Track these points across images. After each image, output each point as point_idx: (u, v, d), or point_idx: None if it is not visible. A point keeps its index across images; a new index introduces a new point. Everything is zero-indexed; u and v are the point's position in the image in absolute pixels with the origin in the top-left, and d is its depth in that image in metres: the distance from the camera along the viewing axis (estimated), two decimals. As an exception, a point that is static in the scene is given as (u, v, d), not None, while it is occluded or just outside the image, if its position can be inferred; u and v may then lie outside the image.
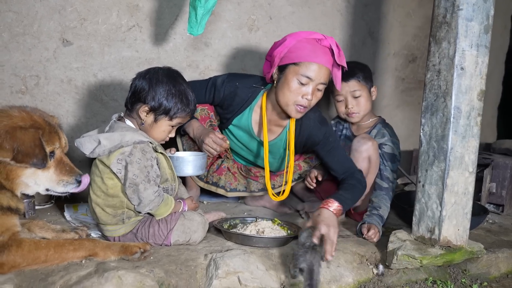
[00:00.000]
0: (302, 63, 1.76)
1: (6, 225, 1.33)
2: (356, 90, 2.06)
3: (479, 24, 1.65)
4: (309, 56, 1.75)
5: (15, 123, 1.31)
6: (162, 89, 1.57)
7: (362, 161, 1.98)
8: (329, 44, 1.78)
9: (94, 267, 1.36)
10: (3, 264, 1.29)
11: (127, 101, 1.62)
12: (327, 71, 1.79)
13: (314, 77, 1.76)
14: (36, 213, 1.90)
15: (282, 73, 1.82)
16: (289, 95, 1.79)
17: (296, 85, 1.77)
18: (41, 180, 1.39)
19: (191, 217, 1.64)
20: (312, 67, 1.75)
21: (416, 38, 3.15)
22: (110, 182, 1.53)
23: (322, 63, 1.75)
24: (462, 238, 1.71)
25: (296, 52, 1.77)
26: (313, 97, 1.79)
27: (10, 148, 1.28)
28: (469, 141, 1.68)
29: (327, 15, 2.72)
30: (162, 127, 1.61)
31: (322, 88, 1.81)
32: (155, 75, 1.59)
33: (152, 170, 1.53)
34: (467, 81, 1.65)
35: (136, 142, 1.50)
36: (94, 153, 1.52)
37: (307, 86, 1.77)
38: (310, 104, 1.82)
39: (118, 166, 1.50)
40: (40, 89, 2.12)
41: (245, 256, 1.53)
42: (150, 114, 1.59)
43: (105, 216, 1.56)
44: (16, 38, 2.05)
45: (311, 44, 1.77)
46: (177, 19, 2.30)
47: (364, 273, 1.67)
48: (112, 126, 1.59)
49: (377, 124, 2.14)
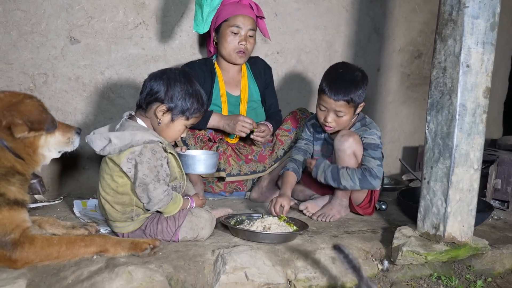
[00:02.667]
0: (230, 18, 2.19)
1: (16, 222, 1.34)
2: (341, 111, 1.98)
3: (485, 21, 1.65)
4: (234, 11, 2.19)
5: (10, 101, 1.34)
6: (180, 89, 1.60)
7: (349, 158, 1.99)
8: (248, 3, 2.24)
9: (105, 262, 1.39)
10: (17, 261, 1.31)
11: (141, 101, 1.63)
12: (251, 19, 2.23)
13: (241, 25, 2.19)
14: (46, 209, 1.94)
15: (219, 32, 2.24)
16: (227, 45, 2.21)
17: (231, 36, 2.20)
18: (52, 145, 1.46)
19: (198, 214, 1.66)
20: (238, 18, 2.19)
21: (421, 33, 3.14)
22: (120, 180, 1.55)
23: (245, 14, 2.21)
24: (466, 235, 1.73)
25: (223, 12, 2.20)
26: (247, 43, 2.22)
27: (23, 121, 1.32)
28: (474, 138, 1.69)
29: (333, 11, 2.72)
30: (178, 126, 1.64)
31: (252, 34, 2.24)
32: (172, 76, 1.62)
33: (162, 170, 1.55)
34: (473, 78, 1.66)
35: (146, 141, 1.52)
36: (104, 151, 1.54)
37: (239, 35, 2.20)
38: (247, 49, 2.24)
39: (128, 165, 1.51)
40: (48, 87, 2.15)
41: (252, 252, 1.56)
42: (167, 113, 1.61)
43: (114, 212, 1.59)
44: (24, 36, 2.07)
45: (233, 4, 2.22)
46: (183, 17, 2.32)
47: (369, 269, 1.69)
48: (123, 125, 1.60)
49: (356, 123, 2.10)
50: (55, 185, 2.23)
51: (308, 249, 1.66)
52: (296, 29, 2.62)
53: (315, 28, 2.68)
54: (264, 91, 2.42)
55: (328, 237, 1.80)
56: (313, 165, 2.05)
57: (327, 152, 2.22)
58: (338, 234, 1.84)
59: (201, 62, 2.27)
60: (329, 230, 1.90)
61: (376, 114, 3.04)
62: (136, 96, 2.28)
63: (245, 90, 2.34)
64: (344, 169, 2.00)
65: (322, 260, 1.63)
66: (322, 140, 2.23)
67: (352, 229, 1.93)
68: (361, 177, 1.97)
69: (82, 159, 2.26)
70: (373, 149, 2.00)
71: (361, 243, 1.77)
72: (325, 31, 2.72)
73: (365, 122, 2.11)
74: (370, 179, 1.97)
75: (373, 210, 2.18)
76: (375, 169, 1.98)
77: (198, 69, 2.22)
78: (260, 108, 2.41)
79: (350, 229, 1.93)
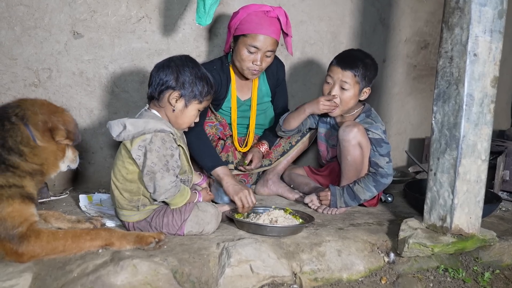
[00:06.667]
0: (249, 35, 2.00)
1: (25, 215, 1.36)
2: (347, 83, 1.99)
3: (493, 9, 1.62)
4: (255, 29, 1.99)
5: (53, 109, 1.48)
6: (189, 73, 1.63)
7: (353, 149, 1.97)
8: (276, 15, 2.01)
9: (110, 256, 1.40)
10: (23, 254, 1.33)
11: (152, 92, 1.65)
12: (273, 40, 2.02)
13: (260, 47, 2.01)
14: (52, 203, 1.95)
15: (236, 43, 2.07)
16: (242, 62, 2.06)
17: (246, 54, 2.03)
18: (67, 158, 1.56)
19: (205, 208, 1.66)
20: (259, 38, 2.00)
21: (428, 24, 3.09)
22: (130, 167, 1.57)
23: (267, 34, 2.00)
24: (474, 226, 1.71)
25: (245, 24, 2.01)
26: (262, 63, 2.06)
27: (63, 129, 1.47)
28: (482, 129, 1.67)
29: (337, 2, 2.69)
30: (192, 111, 1.67)
31: (270, 54, 2.07)
32: (179, 62, 1.64)
33: (172, 160, 1.56)
34: (480, 67, 1.63)
35: (157, 130, 1.54)
36: (120, 137, 1.57)
37: (256, 54, 2.03)
38: (262, 68, 2.09)
39: (138, 152, 1.53)
40: (53, 82, 2.15)
41: (257, 245, 1.55)
42: (181, 100, 1.63)
43: (122, 200, 1.60)
44: (27, 31, 2.07)
45: (259, 17, 2.00)
46: (185, 10, 2.30)
47: (376, 261, 1.68)
48: (142, 114, 1.66)
49: (361, 113, 2.10)
50: (61, 180, 2.24)
51: (313, 241, 1.66)
52: (300, 20, 2.59)
53: (320, 19, 2.65)
54: (275, 90, 2.34)
55: (333, 229, 1.79)
56: (329, 197, 2.01)
57: (330, 137, 2.21)
58: (344, 227, 1.83)
59: (219, 67, 2.17)
60: (335, 222, 1.89)
61: (382, 106, 3.01)
62: (140, 90, 2.28)
63: (255, 93, 2.26)
64: (356, 185, 2.00)
65: (328, 252, 1.62)
66: (328, 124, 2.22)
67: (358, 222, 1.92)
68: (375, 184, 2.00)
69: (88, 153, 2.26)
70: (379, 145, 2.00)
71: (367, 235, 1.76)
72: (330, 22, 2.69)
73: (370, 113, 2.09)
74: (383, 180, 2.00)
75: (377, 202, 2.17)
76: (385, 168, 2.00)
77: (216, 74, 2.13)
78: (270, 108, 2.37)
79: (356, 222, 1.92)
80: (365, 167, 2.04)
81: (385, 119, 3.02)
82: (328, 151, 2.26)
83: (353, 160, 2.00)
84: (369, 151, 2.01)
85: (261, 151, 2.27)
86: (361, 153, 1.99)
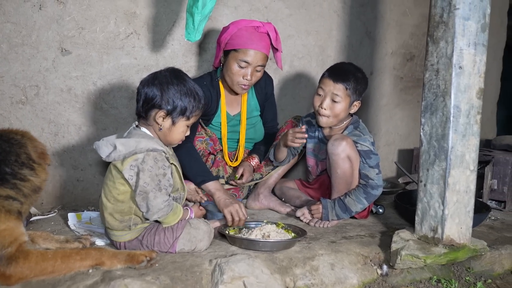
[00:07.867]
0: (240, 50, 2.03)
1: (15, 235, 1.33)
2: (338, 96, 2.00)
3: (476, 22, 1.66)
4: (246, 43, 2.02)
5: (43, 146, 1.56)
6: (174, 90, 1.58)
7: (343, 162, 1.98)
8: (266, 30, 2.06)
9: (101, 276, 1.37)
10: (11, 276, 1.29)
11: (139, 110, 1.62)
12: (263, 55, 2.06)
13: (251, 61, 2.04)
14: (40, 223, 1.91)
15: (226, 57, 2.10)
16: (232, 76, 2.08)
17: (237, 68, 2.06)
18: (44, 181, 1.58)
19: (197, 225, 1.64)
20: (249, 53, 2.03)
21: (413, 36, 3.16)
22: (121, 188, 1.54)
23: (257, 49, 2.04)
24: (465, 236, 1.72)
25: (236, 39, 2.04)
26: (252, 77, 2.08)
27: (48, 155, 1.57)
28: (469, 140, 1.69)
29: (324, 16, 2.73)
30: (181, 128, 1.63)
31: (260, 69, 2.10)
32: (163, 79, 1.60)
33: (165, 179, 1.54)
34: (466, 80, 1.66)
35: (149, 149, 1.52)
36: (109, 157, 1.54)
37: (246, 69, 2.06)
38: (251, 82, 2.11)
39: (131, 172, 1.50)
40: (40, 99, 2.13)
41: (250, 261, 1.54)
42: (167, 118, 1.59)
43: (113, 221, 1.57)
44: (15, 48, 2.05)
45: (249, 32, 2.04)
46: (174, 25, 2.31)
47: (369, 274, 1.68)
48: (131, 132, 1.61)
49: (349, 125, 2.11)
50: (49, 198, 2.20)
51: (306, 255, 1.65)
52: (288, 34, 2.62)
53: (307, 33, 2.69)
54: (264, 104, 2.37)
55: (326, 243, 1.79)
56: (321, 210, 2.02)
57: (319, 151, 2.22)
58: (336, 240, 1.83)
59: (208, 82, 2.18)
60: (327, 236, 1.89)
61: (370, 117, 3.05)
62: (129, 106, 2.27)
63: (244, 108, 2.28)
64: (347, 197, 2.02)
65: (321, 266, 1.62)
66: (316, 139, 2.23)
67: (350, 234, 1.92)
68: (365, 195, 2.01)
69: (77, 171, 2.23)
70: (368, 157, 2.01)
71: (360, 248, 1.76)
72: (317, 36, 2.72)
73: (358, 125, 2.11)
74: (373, 191, 2.01)
75: (368, 213, 2.19)
76: (375, 179, 2.01)
77: (206, 90, 2.11)
78: (259, 122, 2.39)
79: (348, 234, 1.92)
80: (355, 179, 2.05)
81: (374, 131, 3.05)
82: (318, 165, 2.27)
83: (343, 173, 2.01)
84: (358, 164, 2.02)
85: (251, 165, 2.27)
86: (351, 166, 2.00)
